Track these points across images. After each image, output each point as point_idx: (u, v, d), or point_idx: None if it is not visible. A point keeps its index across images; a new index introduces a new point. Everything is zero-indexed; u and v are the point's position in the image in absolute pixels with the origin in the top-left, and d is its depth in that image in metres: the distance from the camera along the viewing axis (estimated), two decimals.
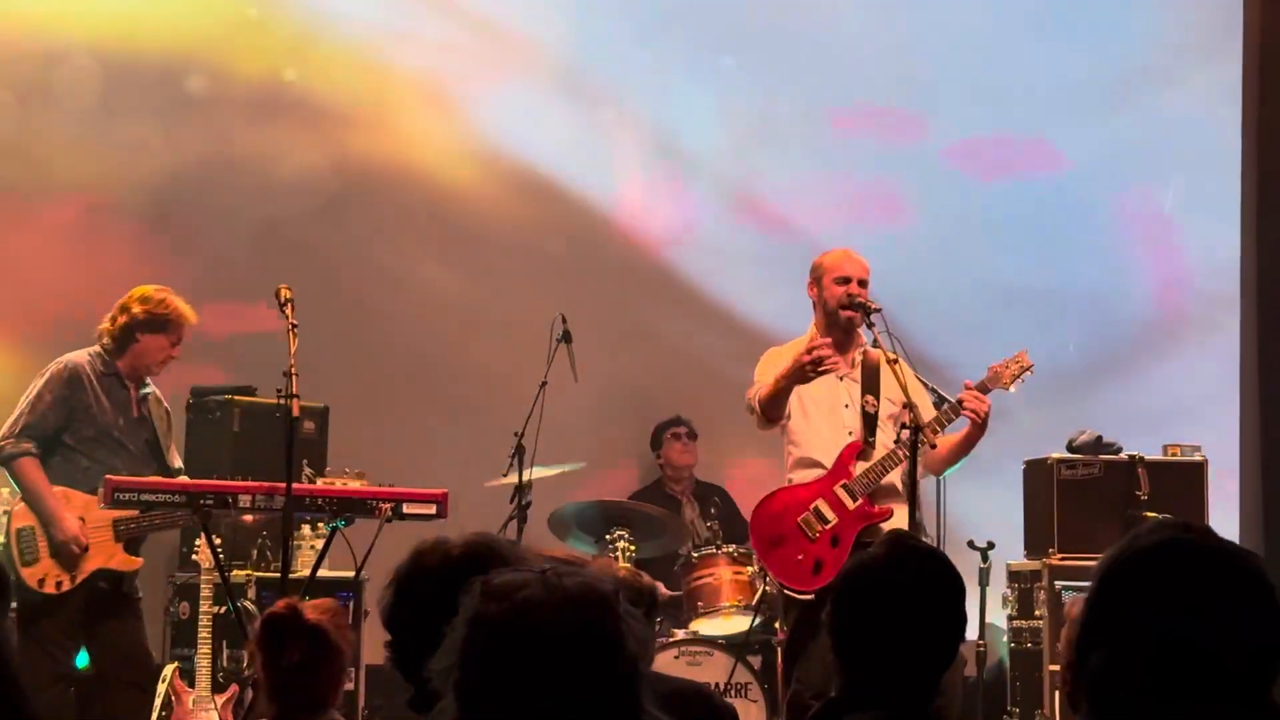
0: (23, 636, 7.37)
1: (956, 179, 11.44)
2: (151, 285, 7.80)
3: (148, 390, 7.78)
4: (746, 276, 11.19)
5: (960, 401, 7.37)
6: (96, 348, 7.72)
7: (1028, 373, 7.61)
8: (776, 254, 10.88)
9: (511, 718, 2.24)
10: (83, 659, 7.63)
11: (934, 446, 7.33)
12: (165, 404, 7.92)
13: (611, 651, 2.29)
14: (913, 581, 3.51)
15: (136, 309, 7.68)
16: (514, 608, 2.30)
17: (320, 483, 7.37)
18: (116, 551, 7.56)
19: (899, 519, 7.22)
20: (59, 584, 7.45)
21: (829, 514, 7.48)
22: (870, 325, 7.40)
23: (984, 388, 7.50)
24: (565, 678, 2.25)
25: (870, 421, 7.59)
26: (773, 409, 7.53)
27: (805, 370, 7.28)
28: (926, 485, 7.56)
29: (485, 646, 2.29)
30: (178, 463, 7.94)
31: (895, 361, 7.20)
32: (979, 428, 7.40)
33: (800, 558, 7.47)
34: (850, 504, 7.47)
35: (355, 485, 7.48)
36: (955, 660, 3.64)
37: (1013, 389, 7.64)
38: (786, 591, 7.58)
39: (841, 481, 7.50)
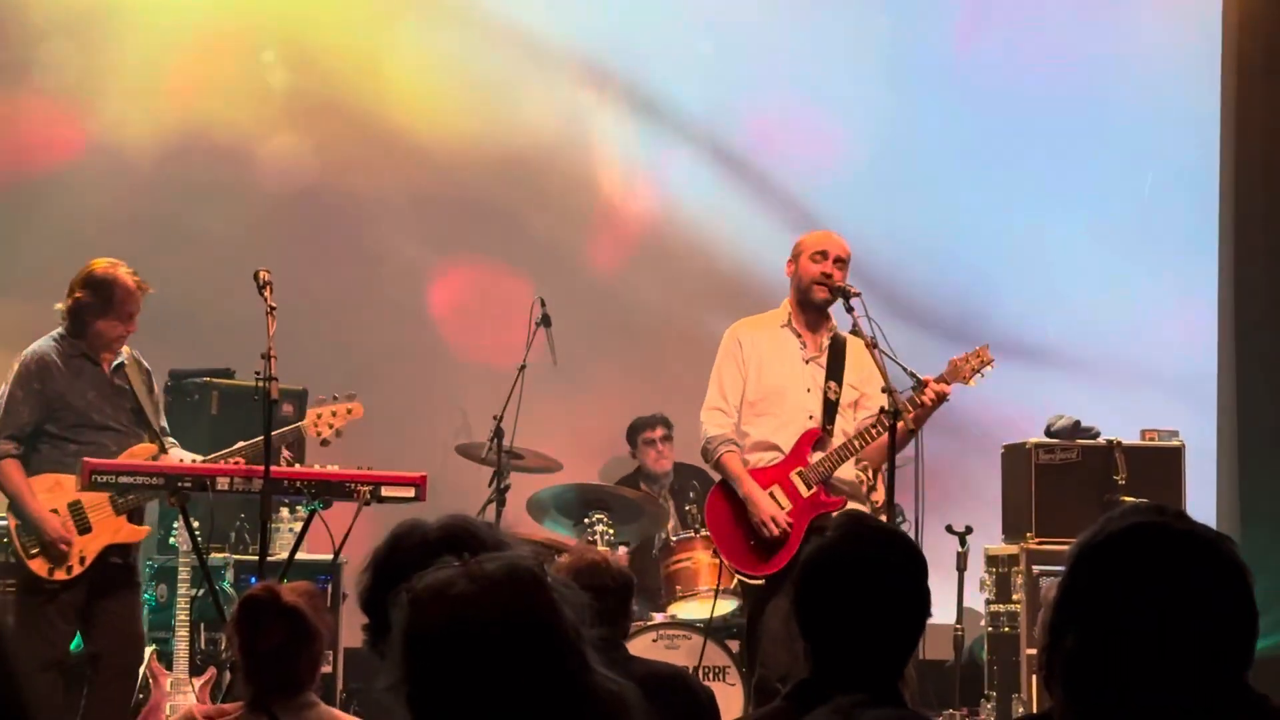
0: (19, 620, 7.33)
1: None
2: (103, 260, 7.71)
3: (121, 359, 7.74)
4: (731, 254, 11.19)
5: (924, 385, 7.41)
6: (59, 330, 7.68)
7: (988, 367, 7.63)
8: (763, 232, 10.89)
9: (468, 715, 2.24)
10: (76, 641, 7.58)
11: (913, 430, 7.34)
12: (144, 364, 7.85)
13: (549, 627, 2.29)
14: (873, 561, 3.52)
15: (81, 293, 7.61)
16: (445, 610, 2.30)
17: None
18: (121, 525, 7.51)
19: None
20: (69, 569, 7.40)
21: (783, 500, 7.51)
22: (850, 309, 7.41)
23: (944, 381, 7.52)
24: (511, 663, 2.25)
25: (830, 408, 7.61)
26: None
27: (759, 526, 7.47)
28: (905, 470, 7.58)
29: (426, 657, 2.29)
30: (162, 421, 7.89)
31: (874, 346, 7.21)
32: (920, 419, 7.43)
33: (753, 543, 7.51)
34: (804, 491, 7.50)
35: (347, 406, 7.52)
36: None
37: (972, 383, 7.67)
38: (738, 576, 7.68)
39: (797, 468, 7.52)
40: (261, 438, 6.93)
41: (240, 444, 7.44)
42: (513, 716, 2.23)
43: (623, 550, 9.00)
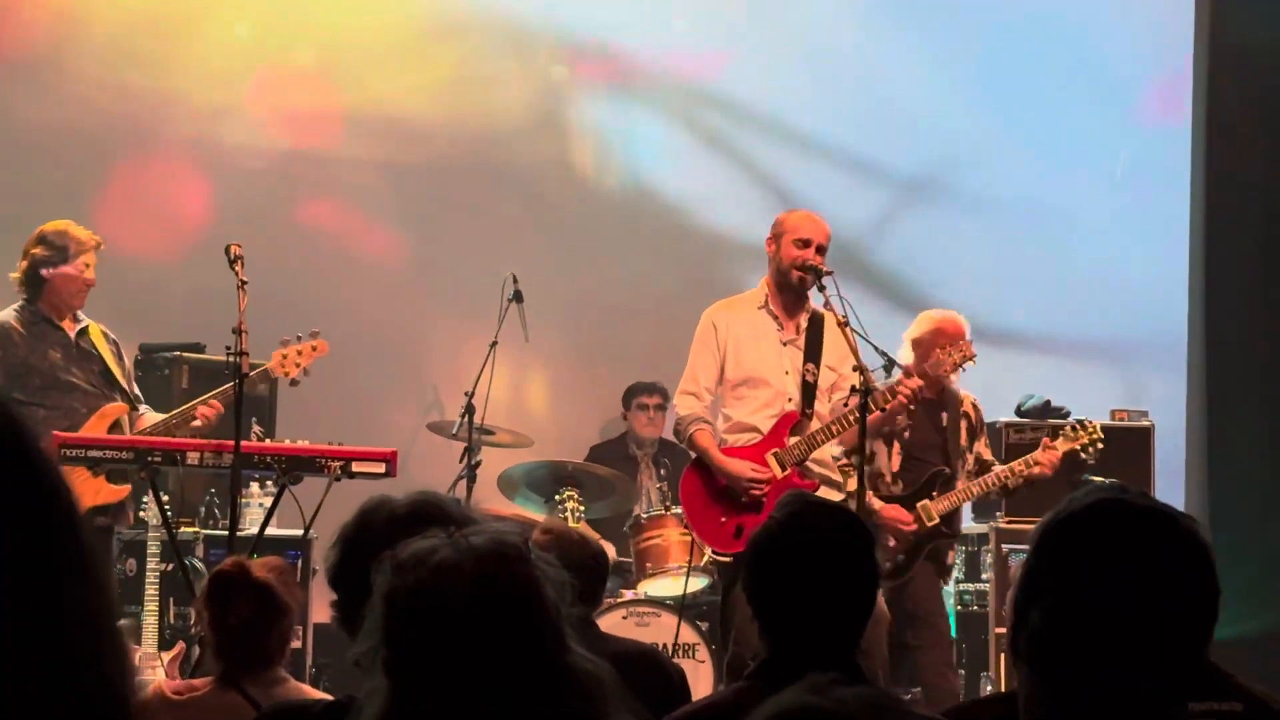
0: None
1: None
2: (50, 223, 7.70)
3: (84, 324, 7.70)
4: (706, 229, 11.19)
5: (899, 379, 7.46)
6: (19, 300, 7.66)
7: (970, 362, 7.71)
8: (739, 209, 10.89)
9: (444, 683, 2.24)
10: None
11: (883, 410, 7.37)
12: (111, 335, 7.83)
13: (529, 602, 2.29)
14: (819, 536, 3.53)
15: (35, 249, 7.61)
16: (427, 575, 2.30)
17: None
18: (101, 486, 7.47)
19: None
20: None
21: None
22: (822, 289, 7.41)
23: (924, 373, 7.57)
24: (488, 635, 2.25)
25: (809, 391, 7.62)
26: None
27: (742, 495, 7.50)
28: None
29: (405, 620, 2.29)
30: (135, 390, 7.86)
31: (845, 325, 7.22)
32: (887, 414, 7.53)
33: (724, 520, 7.53)
34: (779, 473, 7.51)
35: (312, 344, 7.51)
36: (876, 614, 3.67)
37: (954, 377, 7.77)
38: (710, 553, 7.73)
39: (773, 450, 7.54)
40: (225, 387, 6.92)
41: (206, 395, 7.44)
42: (487, 689, 2.23)
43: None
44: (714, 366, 7.67)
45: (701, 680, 8.11)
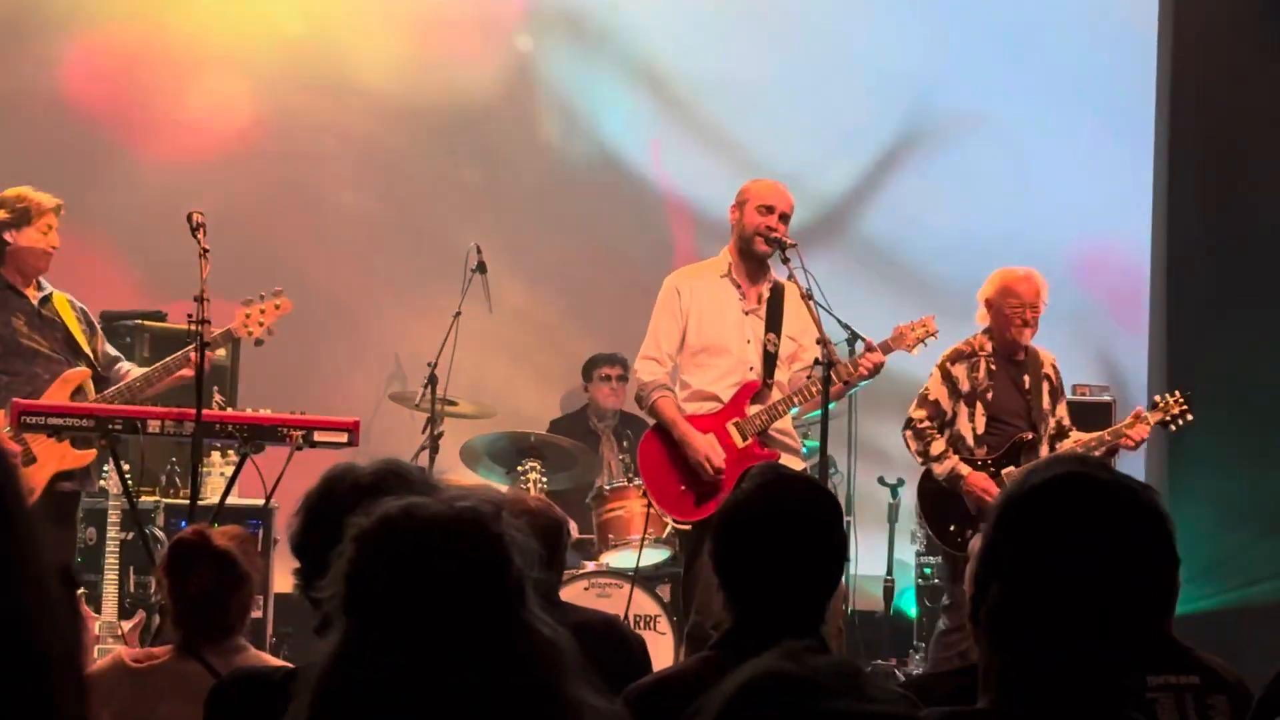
0: None
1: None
2: (8, 189, 7.64)
3: (48, 291, 7.66)
4: (672, 199, 11.19)
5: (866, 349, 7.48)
6: None
7: (932, 337, 7.75)
8: (706, 180, 10.89)
9: (399, 631, 2.23)
10: None
11: (846, 383, 7.40)
12: (78, 303, 7.78)
13: (498, 565, 2.29)
14: (788, 509, 3.54)
15: None
16: (400, 521, 2.30)
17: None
18: (66, 450, 7.42)
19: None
20: None
21: (717, 449, 7.55)
22: (786, 260, 7.43)
23: (886, 347, 7.58)
24: (452, 589, 2.24)
25: (770, 361, 7.63)
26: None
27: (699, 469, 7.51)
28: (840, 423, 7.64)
29: (371, 559, 2.28)
30: (108, 349, 7.81)
31: (809, 297, 7.23)
32: (849, 384, 7.53)
33: (683, 489, 7.55)
34: (740, 442, 7.53)
35: (275, 303, 7.49)
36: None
37: (915, 352, 7.79)
38: (668, 520, 7.75)
39: (734, 419, 7.55)
40: (187, 349, 6.92)
41: (167, 359, 7.42)
42: (443, 642, 2.22)
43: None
44: (676, 332, 7.67)
45: (662, 651, 8.12)
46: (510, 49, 11.07)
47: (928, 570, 9.56)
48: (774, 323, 7.66)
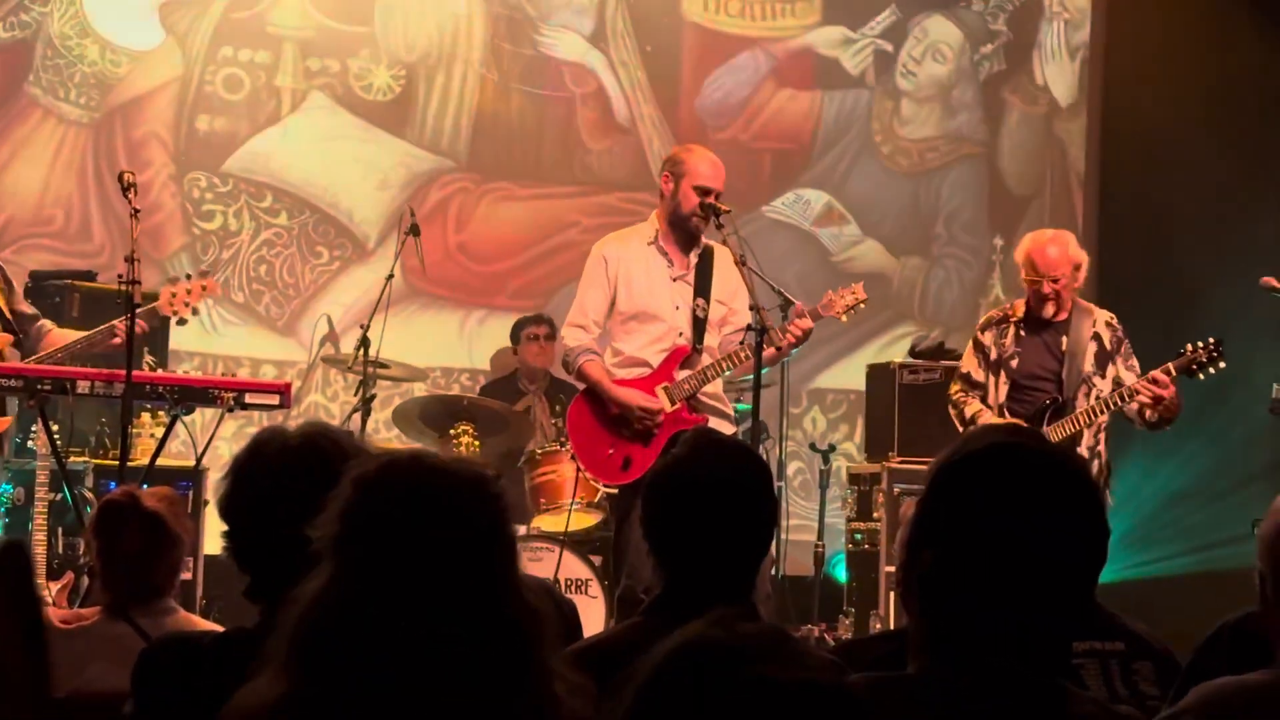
0: None
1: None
2: None
3: None
4: (609, 160, 11.18)
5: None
6: None
7: (861, 304, 7.71)
8: (635, 144, 10.88)
9: (386, 579, 2.22)
10: None
11: (779, 349, 7.40)
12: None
13: (494, 528, 2.29)
14: (718, 474, 3.55)
15: None
16: (403, 470, 2.29)
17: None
18: None
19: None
20: None
21: None
22: (720, 226, 7.43)
23: (816, 314, 7.57)
24: (446, 545, 2.24)
25: (699, 326, 7.64)
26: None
27: (633, 424, 7.49)
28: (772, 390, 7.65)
29: (368, 502, 2.27)
30: (28, 309, 7.74)
31: (742, 263, 7.25)
32: (781, 351, 7.50)
33: (610, 452, 7.55)
34: (668, 407, 7.53)
35: (202, 284, 7.46)
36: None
37: (844, 318, 7.78)
38: (597, 485, 7.76)
39: (663, 384, 7.55)
40: (111, 324, 6.86)
41: (91, 332, 7.36)
42: (435, 602, 2.21)
43: None
44: (603, 300, 7.66)
45: (593, 615, 8.14)
46: (448, 8, 11.01)
47: (858, 536, 9.60)
48: (703, 287, 7.65)
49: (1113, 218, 11.55)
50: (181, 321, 7.66)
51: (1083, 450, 7.68)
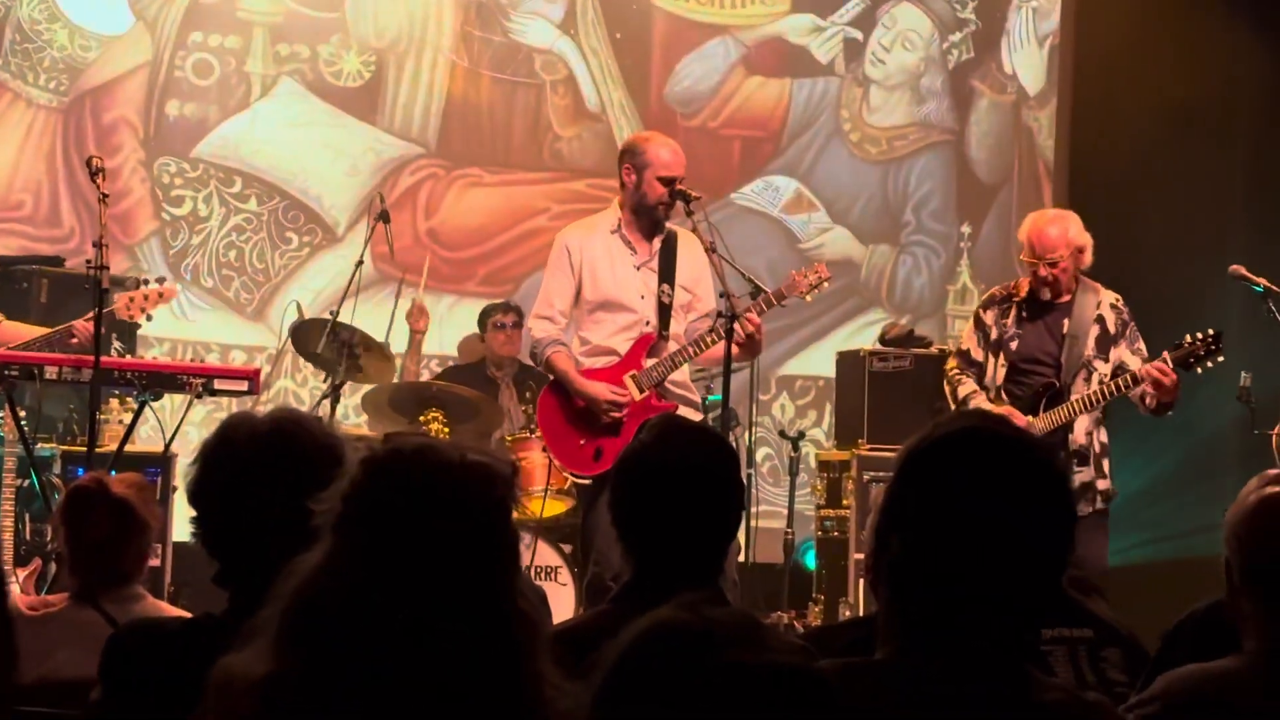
0: None
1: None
2: None
3: None
4: (573, 145, 11.18)
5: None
6: None
7: (825, 282, 7.68)
8: (602, 132, 10.87)
9: (384, 561, 2.20)
10: None
11: (744, 338, 7.34)
12: None
13: (498, 524, 2.27)
14: (686, 459, 3.55)
15: None
16: (412, 455, 2.27)
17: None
18: None
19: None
20: None
21: None
22: (690, 213, 7.41)
23: (780, 295, 7.54)
24: (449, 532, 2.22)
25: (665, 313, 7.62)
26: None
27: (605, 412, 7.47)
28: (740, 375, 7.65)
29: (374, 483, 2.25)
30: None
31: (712, 250, 7.24)
32: (745, 350, 7.43)
33: (582, 443, 7.53)
34: (637, 395, 7.52)
35: (159, 290, 7.43)
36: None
37: (809, 298, 7.76)
38: (568, 475, 7.74)
39: (631, 372, 7.54)
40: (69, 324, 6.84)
41: (49, 331, 7.35)
42: (431, 591, 2.19)
43: None
44: (569, 290, 7.64)
45: (563, 603, 8.14)
46: None
47: (827, 523, 9.60)
48: (667, 273, 7.63)
49: (1081, 206, 11.57)
50: (137, 326, 7.68)
51: (1080, 437, 7.64)
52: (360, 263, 9.09)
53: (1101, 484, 7.72)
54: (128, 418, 8.00)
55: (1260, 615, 3.09)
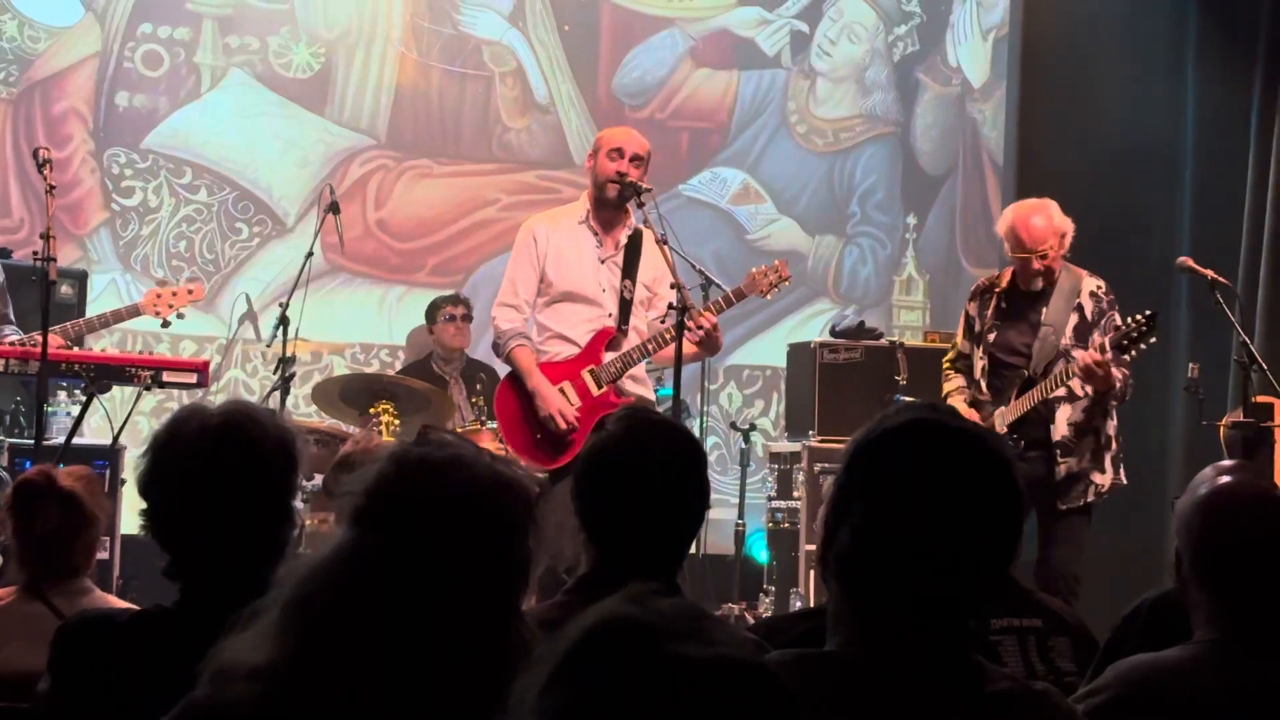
0: None
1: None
2: None
3: None
4: (521, 137, 11.17)
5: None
6: None
7: (785, 282, 7.70)
8: (565, 122, 10.86)
9: (397, 561, 2.19)
10: None
11: (701, 329, 7.33)
12: None
13: (517, 541, 2.26)
14: (652, 452, 3.54)
15: None
16: (441, 457, 2.25)
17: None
18: None
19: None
20: None
21: (573, 397, 7.53)
22: (641, 205, 7.43)
23: (740, 293, 7.56)
24: (466, 545, 2.21)
25: (626, 308, 7.63)
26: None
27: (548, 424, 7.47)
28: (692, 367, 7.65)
29: (397, 480, 2.23)
30: None
31: (663, 242, 7.24)
32: (704, 347, 7.43)
33: (539, 436, 7.53)
34: (595, 390, 7.52)
35: (189, 288, 7.44)
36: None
37: (769, 296, 7.79)
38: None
39: (590, 366, 7.54)
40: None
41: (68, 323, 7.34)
42: (439, 599, 2.18)
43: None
44: (534, 278, 7.65)
45: None
46: None
47: (778, 515, 9.62)
48: (630, 269, 7.65)
49: (1030, 197, 11.60)
50: (165, 324, 7.69)
51: (1061, 428, 7.56)
52: (310, 254, 9.05)
53: (1098, 477, 7.66)
54: (76, 410, 7.97)
55: (1210, 605, 3.12)
